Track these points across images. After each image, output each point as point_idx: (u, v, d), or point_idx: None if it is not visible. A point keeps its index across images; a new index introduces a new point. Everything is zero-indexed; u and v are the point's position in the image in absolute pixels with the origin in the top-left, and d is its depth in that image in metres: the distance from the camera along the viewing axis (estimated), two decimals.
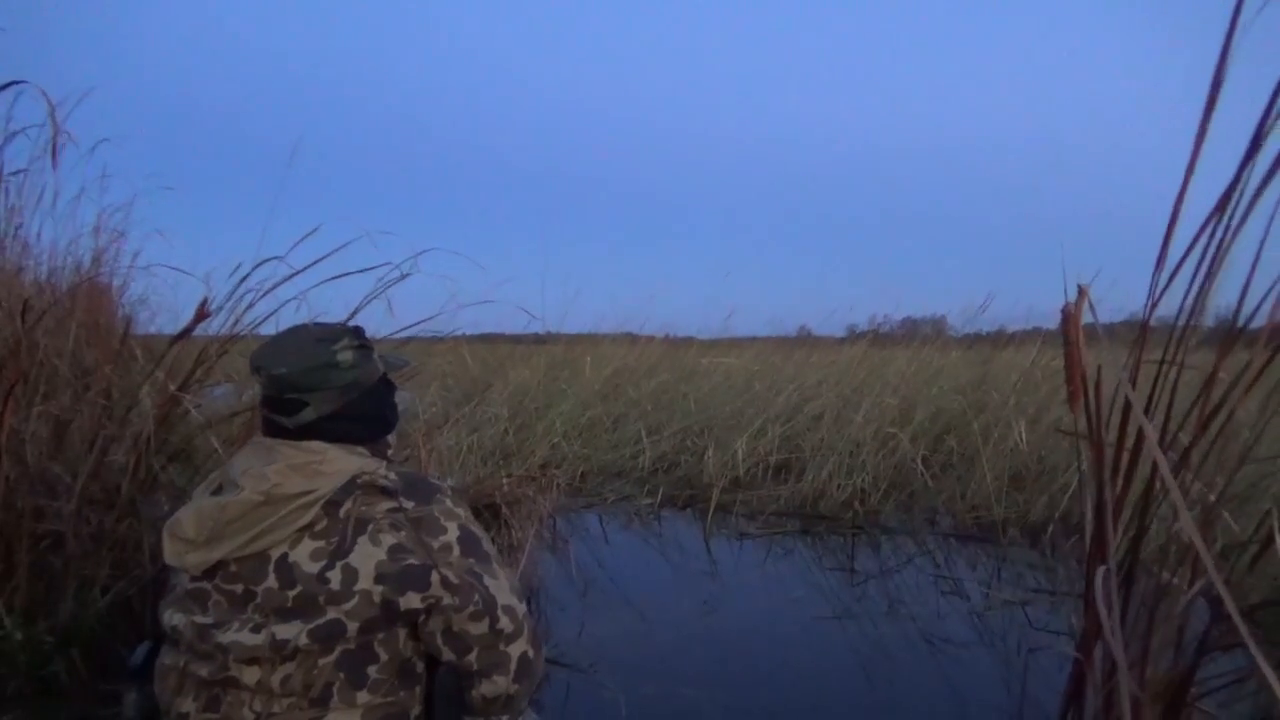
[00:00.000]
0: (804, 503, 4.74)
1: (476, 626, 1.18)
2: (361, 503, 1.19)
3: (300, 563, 1.14)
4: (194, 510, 1.17)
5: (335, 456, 1.21)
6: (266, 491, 1.14)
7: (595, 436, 5.76)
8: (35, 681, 2.01)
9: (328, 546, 1.15)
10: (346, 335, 1.28)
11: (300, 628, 1.12)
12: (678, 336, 8.23)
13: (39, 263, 2.91)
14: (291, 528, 1.15)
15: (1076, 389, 1.36)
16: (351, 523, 1.16)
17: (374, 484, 1.21)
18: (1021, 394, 5.28)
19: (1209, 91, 1.25)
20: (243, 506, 1.14)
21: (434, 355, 5.51)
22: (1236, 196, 1.27)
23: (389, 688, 1.18)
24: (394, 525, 1.18)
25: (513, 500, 3.21)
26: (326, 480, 1.17)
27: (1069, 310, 1.34)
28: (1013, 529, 4.25)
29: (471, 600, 1.17)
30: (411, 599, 1.15)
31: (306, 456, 1.19)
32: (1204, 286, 1.33)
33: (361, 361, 1.29)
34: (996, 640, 2.85)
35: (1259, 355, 1.32)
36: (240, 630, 1.13)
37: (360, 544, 1.15)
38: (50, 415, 2.30)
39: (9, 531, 2.04)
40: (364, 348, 1.30)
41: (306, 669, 1.13)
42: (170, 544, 1.18)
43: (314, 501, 1.15)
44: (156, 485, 2.28)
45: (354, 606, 1.13)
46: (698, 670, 2.55)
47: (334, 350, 1.25)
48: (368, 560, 1.14)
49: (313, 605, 1.13)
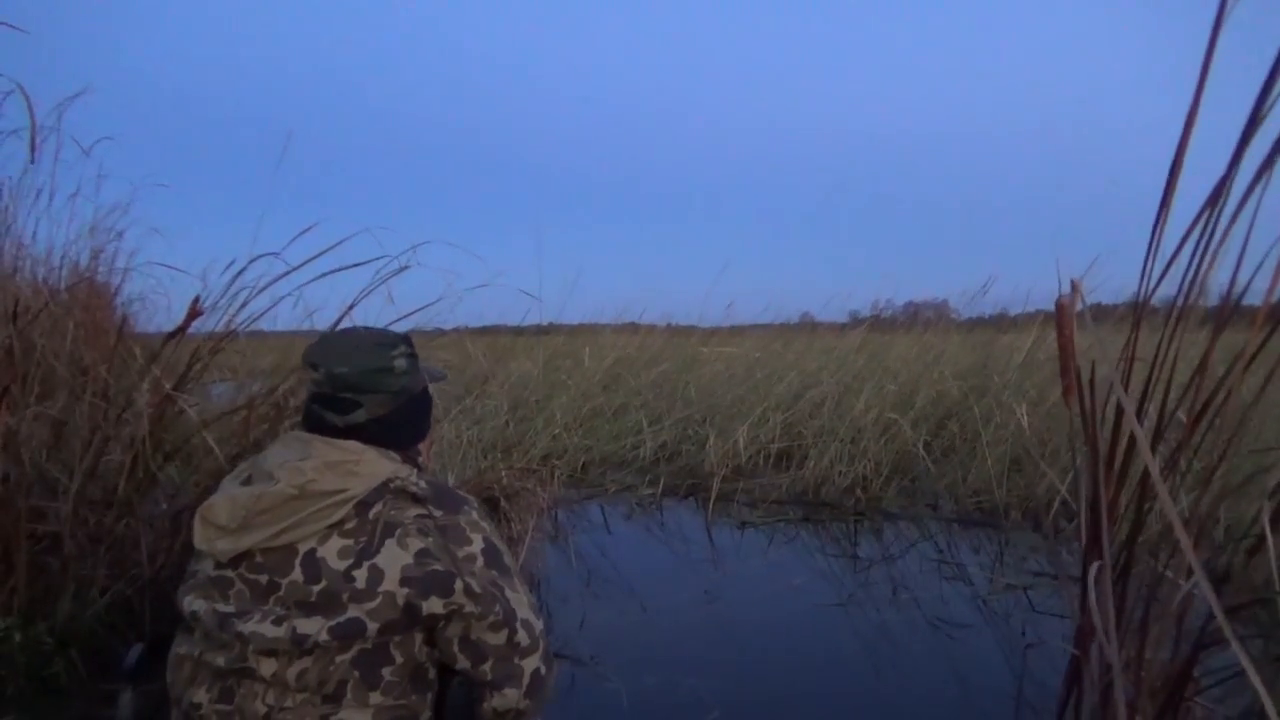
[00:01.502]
0: (806, 490, 4.74)
1: (494, 637, 1.20)
2: (391, 506, 1.21)
3: (328, 559, 1.16)
4: (228, 497, 1.19)
5: (371, 459, 1.23)
6: (301, 485, 1.16)
7: (596, 427, 5.75)
8: (34, 682, 2.02)
9: (355, 545, 1.16)
10: (402, 342, 1.34)
11: (322, 624, 1.13)
12: (679, 325, 8.23)
13: (35, 262, 2.91)
14: (322, 524, 1.16)
15: (1071, 384, 1.34)
16: (380, 525, 1.18)
17: (405, 489, 1.23)
18: (1023, 376, 5.26)
19: (1199, 75, 1.23)
20: (276, 498, 1.16)
21: (436, 348, 5.50)
22: (1228, 186, 1.25)
23: (401, 691, 1.19)
24: (421, 531, 1.19)
25: (513, 492, 3.21)
26: (360, 481, 1.20)
27: (1062, 304, 1.32)
28: (1015, 512, 4.24)
29: (493, 610, 1.19)
30: (435, 604, 1.16)
31: (343, 455, 1.21)
32: (1198, 271, 1.32)
33: (412, 369, 1.34)
34: (1000, 625, 2.85)
35: (1254, 338, 1.30)
36: (261, 621, 1.14)
37: (388, 546, 1.16)
38: (47, 415, 2.30)
39: (7, 532, 2.04)
40: (414, 356, 1.35)
41: (323, 665, 1.14)
42: (201, 529, 1.19)
43: (346, 500, 1.17)
44: (154, 485, 2.28)
45: (377, 606, 1.14)
46: (700, 659, 2.55)
47: (391, 355, 1.30)
48: (394, 563, 1.15)
49: (336, 602, 1.14)
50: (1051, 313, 1.41)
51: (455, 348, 5.71)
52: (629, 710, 2.20)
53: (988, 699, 2.31)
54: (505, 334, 7.21)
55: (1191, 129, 1.26)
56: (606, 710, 2.21)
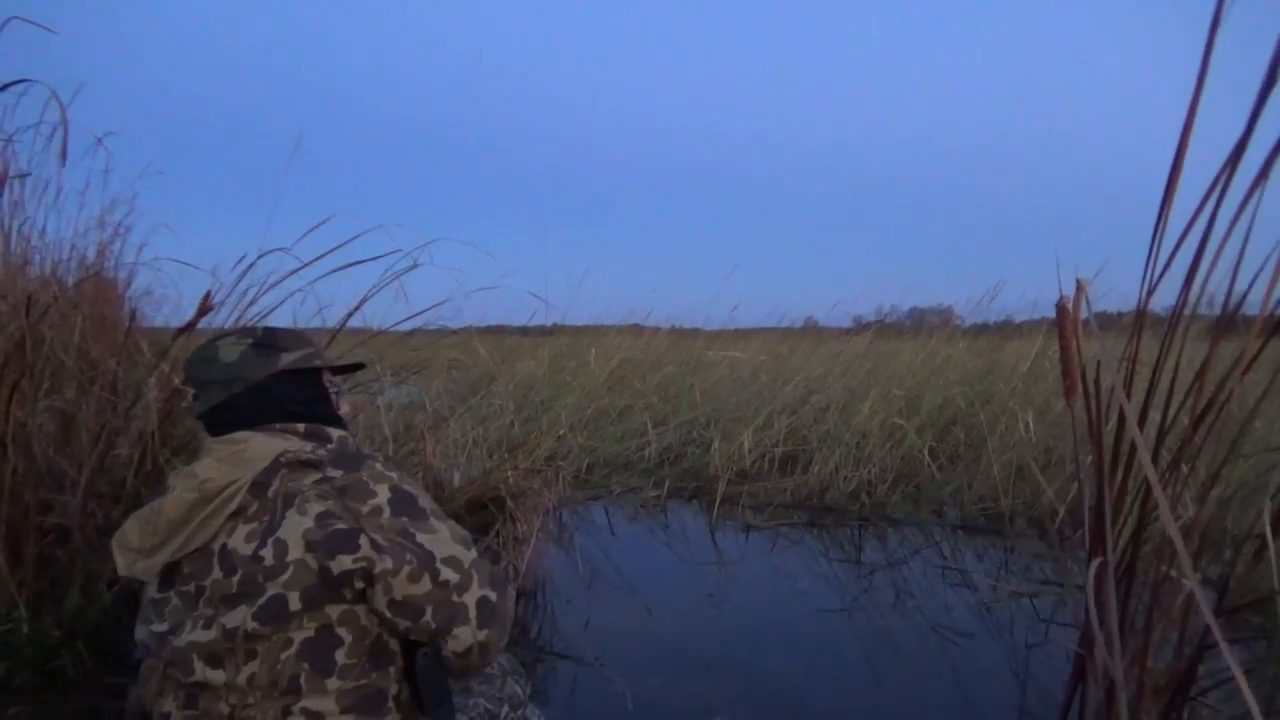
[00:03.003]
0: (810, 494, 4.74)
1: (418, 586, 1.17)
2: (288, 479, 1.20)
3: (238, 548, 1.15)
4: (135, 519, 1.20)
5: (258, 442, 1.24)
6: (198, 487, 1.17)
7: (601, 428, 5.76)
8: (42, 674, 2.03)
9: (260, 527, 1.16)
10: (239, 334, 1.35)
11: (245, 612, 1.12)
12: (684, 328, 8.23)
13: (44, 257, 2.92)
14: (223, 516, 1.17)
15: (1074, 383, 1.34)
16: (280, 499, 1.18)
17: (297, 460, 1.22)
18: (1029, 383, 5.25)
19: (1196, 79, 1.23)
20: (178, 506, 1.16)
21: (443, 347, 5.51)
22: (1220, 186, 1.25)
23: (360, 671, 1.17)
24: (321, 495, 1.18)
25: (518, 493, 3.21)
26: (249, 466, 1.20)
27: (1064, 305, 1.32)
28: (1020, 520, 4.23)
29: (405, 560, 1.16)
30: (343, 561, 1.13)
31: (231, 447, 1.23)
32: (1195, 271, 1.32)
33: (249, 358, 1.32)
34: (1004, 632, 2.84)
35: (1251, 343, 1.30)
36: (194, 629, 1.14)
37: (289, 517, 1.15)
38: (56, 409, 2.32)
39: (16, 525, 2.06)
40: (259, 345, 1.34)
41: (270, 664, 1.13)
42: (121, 556, 1.20)
43: (241, 488, 1.18)
44: (162, 478, 2.29)
45: (290, 577, 1.12)
46: (704, 662, 2.55)
47: (216, 346, 1.32)
48: (295, 530, 1.14)
49: (253, 586, 1.13)
50: (1056, 319, 1.40)
51: (462, 347, 5.72)
52: (633, 712, 2.20)
53: (990, 705, 2.31)
54: (511, 334, 7.22)
55: (1190, 132, 1.26)
56: (610, 712, 2.21)
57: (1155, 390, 1.42)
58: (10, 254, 2.70)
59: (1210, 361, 1.34)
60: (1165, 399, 1.41)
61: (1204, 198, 1.30)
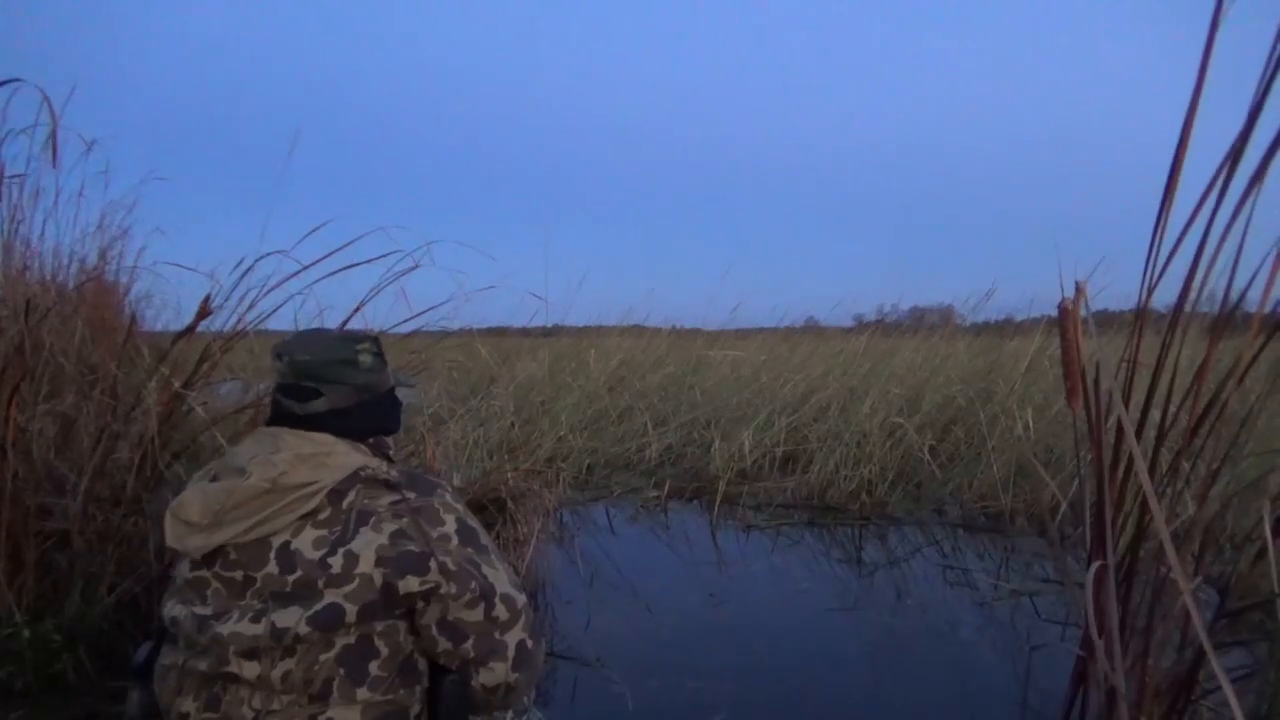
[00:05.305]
0: (811, 494, 4.74)
1: (472, 613, 1.19)
2: (365, 495, 1.21)
3: (303, 550, 1.16)
4: (199, 493, 1.18)
5: (342, 450, 1.24)
6: (273, 479, 1.16)
7: (601, 429, 5.75)
8: (42, 678, 2.02)
9: (330, 535, 1.17)
10: (369, 340, 1.35)
11: (299, 614, 1.12)
12: (684, 328, 8.23)
13: (43, 261, 2.92)
14: (293, 515, 1.16)
15: (1075, 386, 1.34)
16: (355, 513, 1.19)
17: (376, 478, 1.24)
18: (1029, 382, 5.25)
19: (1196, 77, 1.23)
20: (248, 493, 1.16)
21: (443, 348, 5.51)
22: (1219, 187, 1.25)
23: (389, 685, 1.19)
24: (396, 515, 1.20)
25: (518, 494, 3.21)
26: (331, 473, 1.20)
27: (1066, 307, 1.32)
28: (1021, 518, 4.23)
29: (468, 587, 1.19)
30: (411, 583, 1.16)
31: (314, 448, 1.22)
32: (1195, 271, 1.32)
33: (378, 368, 1.35)
34: (1004, 631, 2.84)
35: (1251, 343, 1.30)
36: (240, 620, 1.14)
37: (362, 532, 1.17)
38: (56, 413, 2.31)
39: (16, 529, 2.05)
40: (381, 356, 1.36)
41: (307, 664, 1.14)
42: (173, 526, 1.19)
43: (318, 491, 1.18)
44: (162, 482, 2.29)
45: (354, 589, 1.14)
46: (705, 662, 2.54)
47: (356, 350, 1.31)
48: (369, 545, 1.15)
49: (312, 590, 1.14)
50: (1056, 319, 1.40)
51: (462, 348, 5.71)
52: (634, 712, 2.20)
53: (992, 704, 2.31)
54: (512, 335, 7.21)
55: (1189, 133, 1.26)
56: (611, 712, 2.21)
57: (1155, 390, 1.42)
58: (10, 258, 2.70)
59: (1209, 360, 1.34)
60: (1165, 398, 1.41)
61: (1203, 196, 1.29)
